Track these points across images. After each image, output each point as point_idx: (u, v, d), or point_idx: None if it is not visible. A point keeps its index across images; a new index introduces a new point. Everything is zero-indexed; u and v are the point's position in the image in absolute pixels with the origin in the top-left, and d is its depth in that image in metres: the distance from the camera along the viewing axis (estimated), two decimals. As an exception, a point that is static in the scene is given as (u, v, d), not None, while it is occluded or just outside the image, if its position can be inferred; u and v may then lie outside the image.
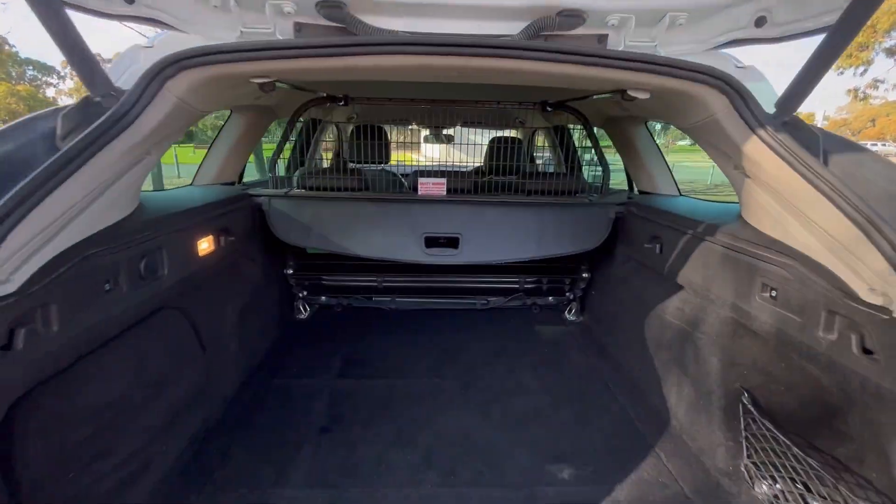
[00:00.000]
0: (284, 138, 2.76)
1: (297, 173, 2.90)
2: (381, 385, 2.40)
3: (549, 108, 2.75)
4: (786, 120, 1.48)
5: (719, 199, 2.74)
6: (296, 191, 2.76)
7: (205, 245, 2.09)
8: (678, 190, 2.92)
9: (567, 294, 3.34)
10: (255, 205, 2.69)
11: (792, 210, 1.46)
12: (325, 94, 2.71)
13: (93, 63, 1.31)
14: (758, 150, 1.48)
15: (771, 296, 1.56)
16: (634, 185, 3.15)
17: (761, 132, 1.46)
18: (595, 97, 2.27)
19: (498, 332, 3.06)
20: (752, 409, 1.74)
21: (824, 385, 1.47)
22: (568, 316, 3.29)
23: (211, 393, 2.12)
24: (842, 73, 19.18)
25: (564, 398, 2.34)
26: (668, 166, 2.94)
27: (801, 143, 1.40)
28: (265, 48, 1.39)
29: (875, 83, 20.71)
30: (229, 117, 2.83)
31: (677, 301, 2.20)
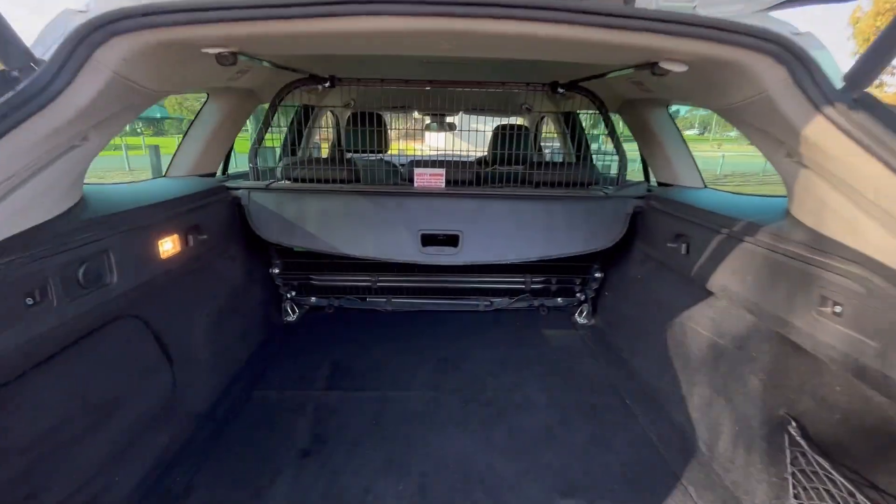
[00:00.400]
0: (266, 124, 2.49)
1: (280, 163, 2.64)
2: (371, 399, 2.16)
3: (561, 90, 2.46)
4: (856, 97, 1.20)
5: (730, 190, 2.45)
6: (279, 183, 2.50)
7: (168, 245, 1.84)
8: (703, 181, 2.63)
9: (577, 295, 3.07)
10: (234, 198, 2.44)
11: (867, 206, 1.18)
12: (308, 75, 2.43)
13: (5, 30, 1.05)
14: (824, 132, 1.20)
15: (834, 312, 1.28)
16: (652, 175, 2.86)
17: (829, 111, 1.17)
18: (613, 75, 1.98)
19: (502, 337, 2.80)
20: (801, 441, 1.48)
21: None
22: (578, 318, 3.03)
23: (178, 410, 1.89)
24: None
25: (577, 415, 2.08)
26: (691, 155, 2.65)
27: (880, 124, 1.12)
28: (212, 8, 1.12)
29: (893, 70, 20.01)
30: (206, 101, 2.57)
31: (707, 309, 1.93)
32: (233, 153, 2.96)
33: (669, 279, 2.27)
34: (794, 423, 1.51)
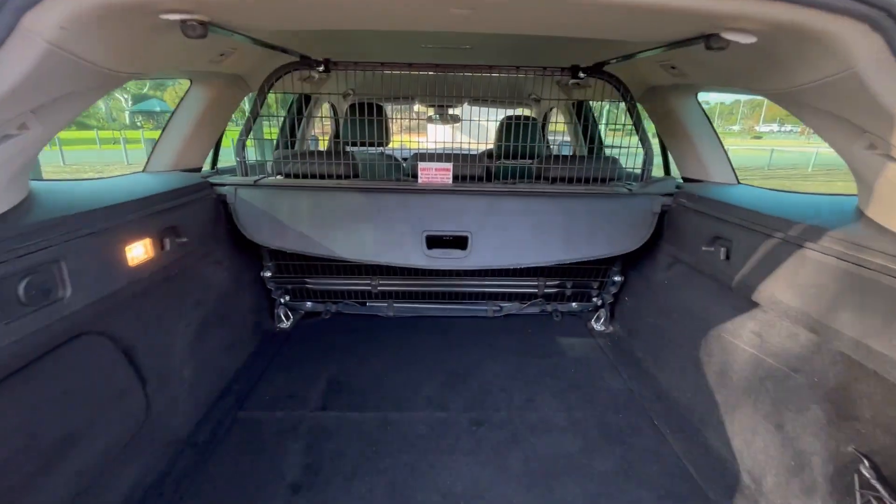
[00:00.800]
0: (254, 114, 2.25)
1: (271, 157, 2.41)
2: (371, 421, 1.94)
3: (582, 75, 2.21)
4: None
5: (768, 186, 2.21)
6: (268, 179, 2.27)
7: (139, 250, 1.61)
8: (736, 177, 2.39)
9: (594, 300, 2.84)
10: (219, 196, 2.21)
11: None
12: (298, 58, 2.19)
13: None
14: None
15: None
16: (679, 171, 2.62)
17: None
18: (649, 54, 1.74)
19: (513, 346, 2.57)
20: (877, 483, 1.26)
21: None
22: (595, 325, 2.80)
23: (152, 438, 1.67)
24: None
25: (601, 439, 1.86)
26: (723, 148, 2.41)
27: None
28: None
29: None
30: (189, 89, 2.33)
31: (752, 323, 1.70)
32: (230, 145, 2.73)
33: (703, 286, 2.04)
34: (866, 462, 1.28)
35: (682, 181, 2.57)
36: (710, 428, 1.82)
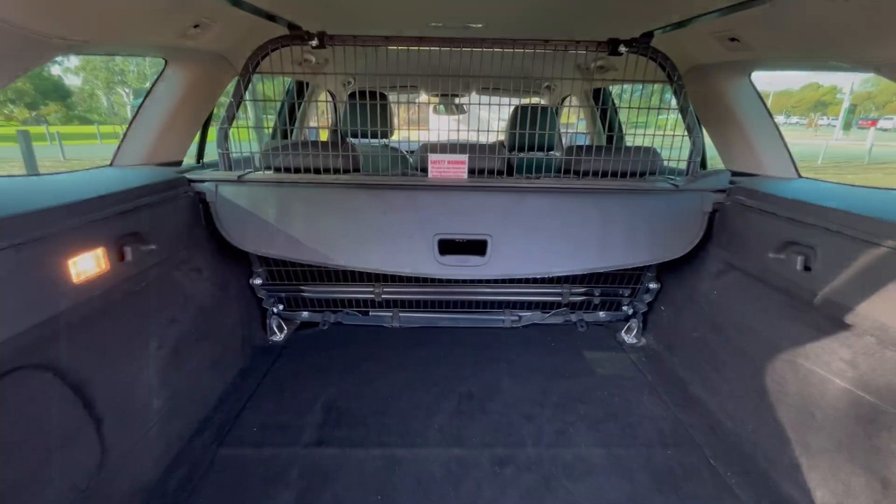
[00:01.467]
0: (238, 98, 1.94)
1: (259, 149, 2.10)
2: (375, 459, 1.64)
3: (624, 49, 1.89)
4: None
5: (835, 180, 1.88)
6: (255, 173, 1.96)
7: (88, 263, 1.31)
8: (796, 170, 2.07)
9: (625, 308, 2.53)
10: (197, 194, 1.91)
11: None
12: (288, 31, 1.87)
13: None
14: None
15: None
16: (724, 163, 2.30)
17: None
18: (703, 21, 1.42)
19: (536, 363, 2.27)
20: None
21: None
22: (625, 338, 2.49)
23: (111, 487, 1.38)
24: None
25: (650, 484, 1.56)
26: (781, 136, 2.08)
27: None
28: None
29: None
30: (163, 69, 2.03)
31: (843, 350, 1.39)
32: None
33: (768, 299, 1.72)
34: None
35: (729, 174, 2.25)
36: (781, 471, 1.52)
